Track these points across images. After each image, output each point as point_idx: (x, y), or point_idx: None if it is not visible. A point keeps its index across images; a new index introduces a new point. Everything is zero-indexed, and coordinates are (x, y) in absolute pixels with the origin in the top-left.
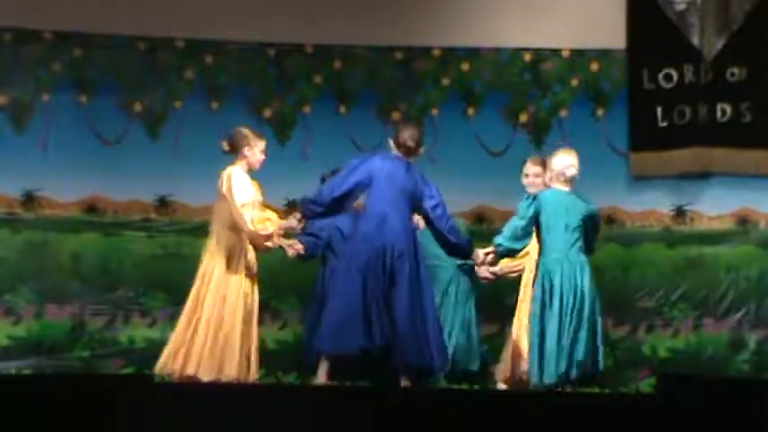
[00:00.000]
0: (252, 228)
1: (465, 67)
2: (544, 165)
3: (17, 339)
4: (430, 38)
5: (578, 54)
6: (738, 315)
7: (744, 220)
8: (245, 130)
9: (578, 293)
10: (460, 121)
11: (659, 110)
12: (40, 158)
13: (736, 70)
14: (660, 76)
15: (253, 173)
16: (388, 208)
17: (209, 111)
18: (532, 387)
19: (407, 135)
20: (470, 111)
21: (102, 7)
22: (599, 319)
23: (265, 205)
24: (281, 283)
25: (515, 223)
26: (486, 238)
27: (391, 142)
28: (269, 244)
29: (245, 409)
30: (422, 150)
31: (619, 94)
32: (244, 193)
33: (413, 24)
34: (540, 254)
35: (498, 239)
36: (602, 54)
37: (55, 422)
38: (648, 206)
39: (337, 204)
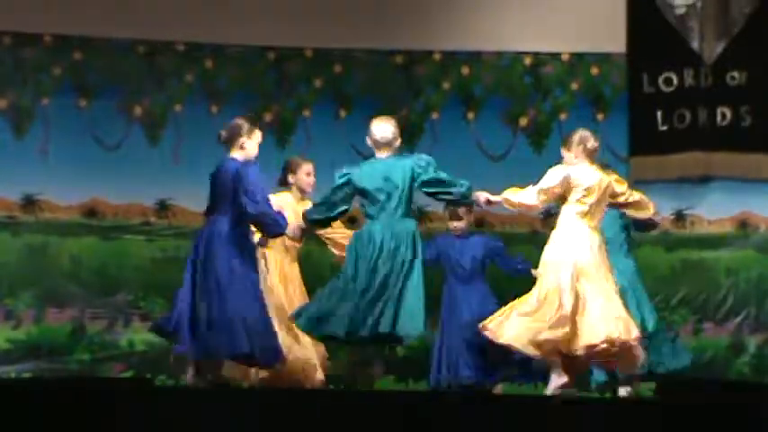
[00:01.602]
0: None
1: (465, 71)
2: None
3: (17, 343)
4: (430, 42)
5: (578, 58)
6: (738, 319)
7: (744, 224)
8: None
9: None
10: (461, 124)
11: (659, 114)
12: (40, 162)
13: (736, 74)
14: (660, 79)
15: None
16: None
17: (209, 114)
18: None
19: None
20: (470, 115)
21: (102, 11)
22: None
23: None
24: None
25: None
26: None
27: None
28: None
29: (245, 411)
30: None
31: (619, 98)
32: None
33: (413, 28)
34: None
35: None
36: (602, 58)
37: (54, 426)
38: None
39: None
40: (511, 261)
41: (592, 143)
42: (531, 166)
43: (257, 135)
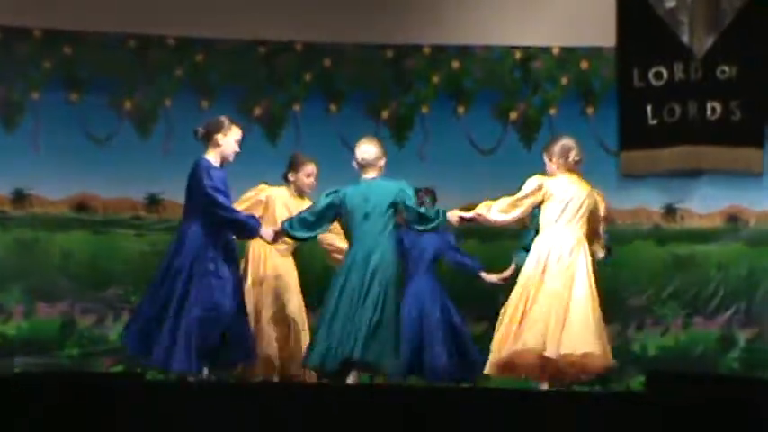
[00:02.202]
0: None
1: (455, 65)
2: None
3: (7, 338)
4: (420, 36)
5: (568, 52)
6: (728, 313)
7: (734, 218)
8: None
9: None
10: (451, 119)
11: (649, 108)
12: (31, 157)
13: (726, 68)
14: (650, 74)
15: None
16: None
17: (199, 109)
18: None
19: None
20: (460, 109)
21: (93, 5)
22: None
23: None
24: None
25: (303, 215)
26: (481, 238)
27: None
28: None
29: (237, 406)
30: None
31: (609, 92)
32: None
33: (403, 22)
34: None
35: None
36: (592, 52)
37: (45, 421)
38: (638, 204)
39: None
40: (460, 256)
41: (573, 156)
42: (520, 161)
43: (234, 132)
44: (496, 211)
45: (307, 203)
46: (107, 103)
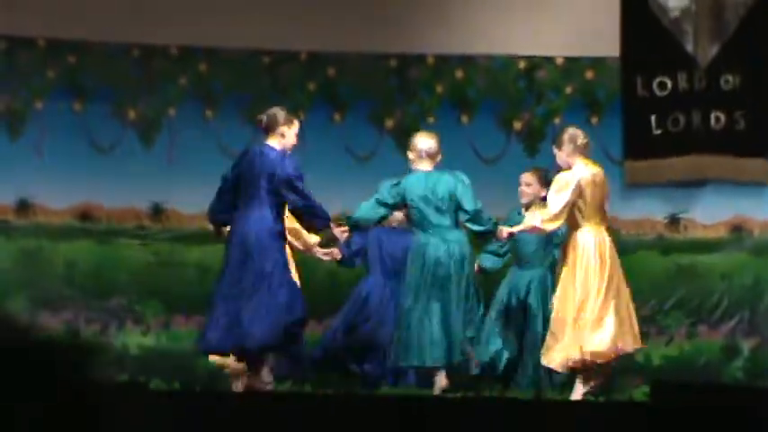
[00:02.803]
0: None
1: (459, 74)
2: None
3: None
4: (424, 45)
5: (572, 62)
6: (732, 323)
7: (738, 228)
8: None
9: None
10: (454, 128)
11: (653, 118)
12: (34, 166)
13: (730, 78)
14: (654, 83)
15: None
16: None
17: (203, 118)
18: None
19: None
20: (464, 118)
21: (97, 15)
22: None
23: None
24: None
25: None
26: (479, 246)
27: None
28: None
29: (240, 416)
30: None
31: (613, 101)
32: None
33: (407, 32)
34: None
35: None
36: (597, 62)
37: (48, 429)
38: (642, 214)
39: None
40: None
41: (581, 140)
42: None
43: (296, 126)
44: (548, 221)
45: None
46: (111, 112)
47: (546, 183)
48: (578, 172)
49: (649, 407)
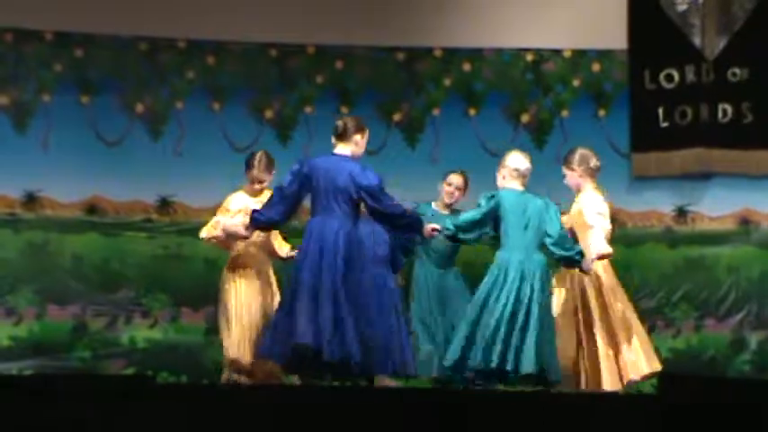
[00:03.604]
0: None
1: (466, 67)
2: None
3: (18, 340)
4: (431, 38)
5: (580, 54)
6: (740, 316)
7: (745, 221)
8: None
9: (529, 292)
10: (462, 121)
11: (661, 110)
12: (42, 159)
13: (737, 70)
14: (662, 76)
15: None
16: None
17: (211, 111)
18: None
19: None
20: (472, 111)
21: (104, 8)
22: (547, 324)
23: None
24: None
25: (469, 215)
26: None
27: None
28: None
29: (246, 409)
30: None
31: (620, 94)
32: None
33: (414, 25)
34: (500, 248)
35: (448, 223)
36: (604, 54)
37: (55, 423)
38: (650, 206)
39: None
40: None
41: (594, 162)
42: (532, 163)
43: (367, 134)
44: (604, 242)
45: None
46: (118, 105)
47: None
48: (596, 197)
49: (657, 399)
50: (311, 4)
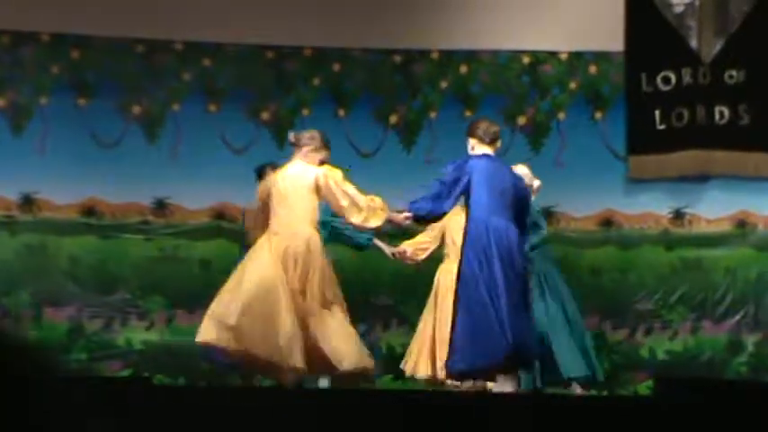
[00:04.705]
0: None
1: (463, 69)
2: None
3: None
4: (428, 41)
5: (576, 57)
6: (737, 317)
7: (742, 223)
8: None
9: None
10: (459, 123)
11: (657, 112)
12: (38, 161)
13: (734, 73)
14: (658, 78)
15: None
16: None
17: (208, 113)
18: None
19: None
20: (468, 113)
21: (101, 10)
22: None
23: None
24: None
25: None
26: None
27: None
28: None
29: (244, 411)
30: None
31: (617, 96)
32: None
33: (411, 27)
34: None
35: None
36: (601, 57)
37: (52, 425)
38: (647, 208)
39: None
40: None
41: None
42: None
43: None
44: None
45: None
46: (115, 107)
47: None
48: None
49: (653, 401)
50: (308, 6)
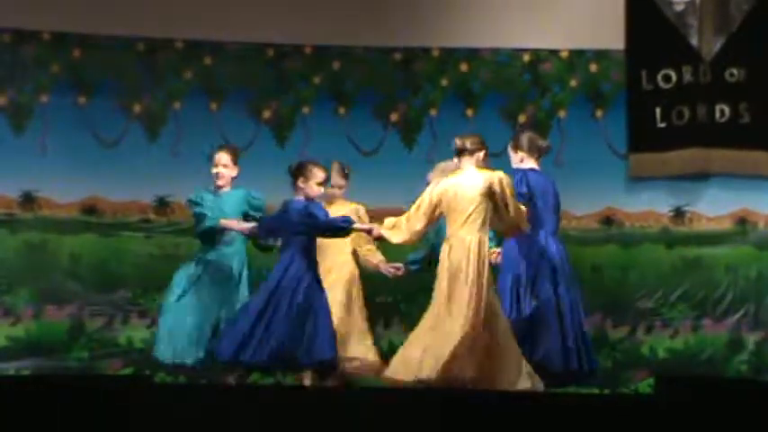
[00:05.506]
0: None
1: (464, 67)
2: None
3: (16, 340)
4: (429, 38)
5: (577, 55)
6: (737, 316)
7: (742, 221)
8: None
9: None
10: (459, 121)
11: (658, 110)
12: (39, 159)
13: (734, 71)
14: (659, 76)
15: None
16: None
17: (208, 112)
18: None
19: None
20: (469, 111)
21: (101, 8)
22: None
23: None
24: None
25: None
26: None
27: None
28: None
29: (244, 409)
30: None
31: (617, 94)
32: None
33: (412, 25)
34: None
35: None
36: (601, 55)
37: (53, 423)
38: (647, 207)
39: None
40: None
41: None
42: None
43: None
44: None
45: None
46: (116, 105)
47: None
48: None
49: (654, 399)
50: (308, 4)
